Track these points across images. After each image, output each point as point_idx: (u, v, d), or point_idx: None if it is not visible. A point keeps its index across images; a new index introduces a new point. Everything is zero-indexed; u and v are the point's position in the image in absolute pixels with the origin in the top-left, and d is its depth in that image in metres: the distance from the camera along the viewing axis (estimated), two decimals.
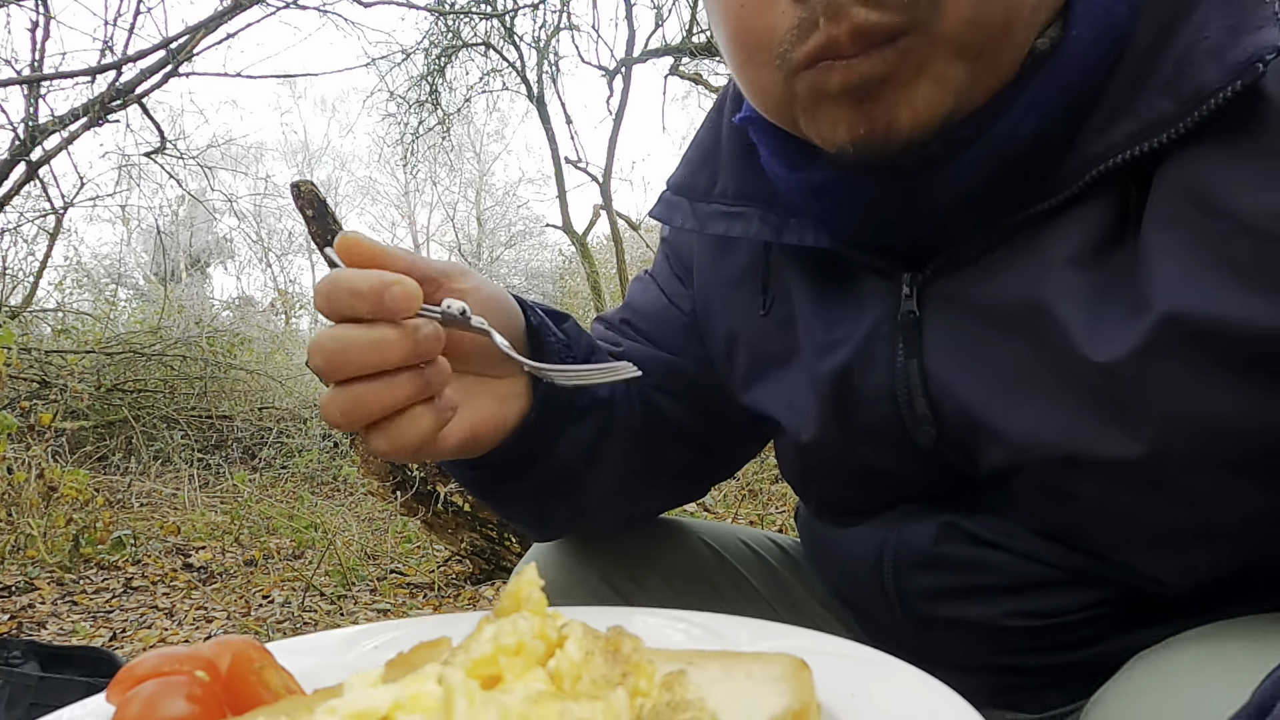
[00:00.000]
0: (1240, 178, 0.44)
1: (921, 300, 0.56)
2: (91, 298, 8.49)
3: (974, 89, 0.50)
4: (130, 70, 5.58)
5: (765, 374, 0.69)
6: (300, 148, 20.08)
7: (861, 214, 0.57)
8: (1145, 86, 0.47)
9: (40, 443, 4.19)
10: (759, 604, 0.81)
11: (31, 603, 3.27)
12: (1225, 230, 0.44)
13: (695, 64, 6.88)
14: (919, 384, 0.57)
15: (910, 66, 0.48)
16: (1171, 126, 0.46)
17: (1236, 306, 0.44)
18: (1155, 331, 0.46)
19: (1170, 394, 0.47)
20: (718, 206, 0.65)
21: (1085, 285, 0.49)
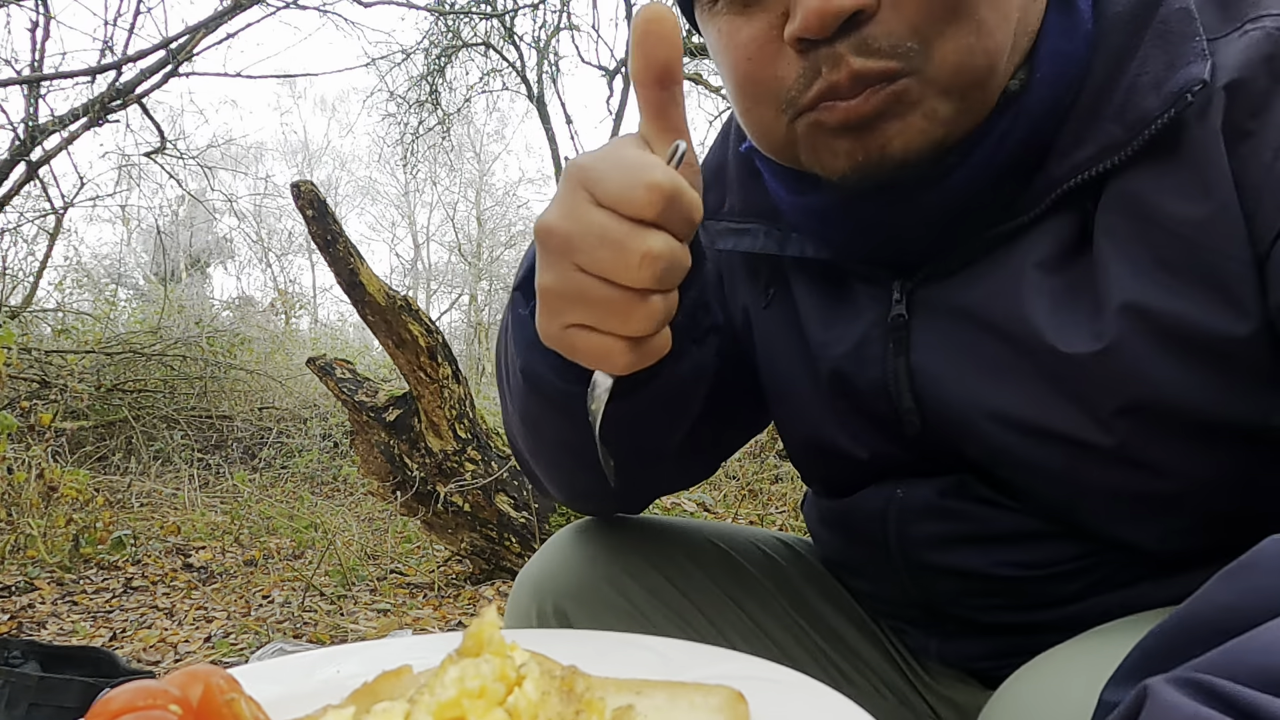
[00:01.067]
0: (1168, 191, 0.52)
1: (910, 305, 0.63)
2: (91, 298, 8.49)
3: (959, 122, 0.55)
4: (130, 70, 5.58)
5: (774, 362, 0.74)
6: (300, 148, 20.09)
7: (857, 232, 0.63)
8: (1100, 116, 0.55)
9: (40, 443, 4.19)
10: (768, 602, 0.81)
11: (31, 603, 3.27)
12: (1158, 235, 0.52)
13: (695, 64, 6.88)
14: (905, 379, 0.63)
15: (904, 104, 0.54)
16: (1121, 150, 0.53)
17: (1171, 301, 0.51)
18: (1113, 323, 0.53)
19: (1127, 376, 0.53)
20: (727, 224, 0.70)
21: (1051, 288, 0.56)
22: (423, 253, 19.74)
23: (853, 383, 0.66)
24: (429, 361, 3.17)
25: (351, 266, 3.17)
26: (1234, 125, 0.50)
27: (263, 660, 1.97)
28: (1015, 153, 0.56)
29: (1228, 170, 0.50)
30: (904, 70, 0.53)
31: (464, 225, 18.75)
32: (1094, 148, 0.54)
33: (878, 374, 0.64)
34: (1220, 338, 0.50)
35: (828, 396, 0.68)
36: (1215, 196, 0.50)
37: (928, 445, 0.65)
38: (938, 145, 0.55)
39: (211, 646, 2.73)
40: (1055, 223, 0.57)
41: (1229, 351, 0.50)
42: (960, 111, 0.55)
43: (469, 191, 18.34)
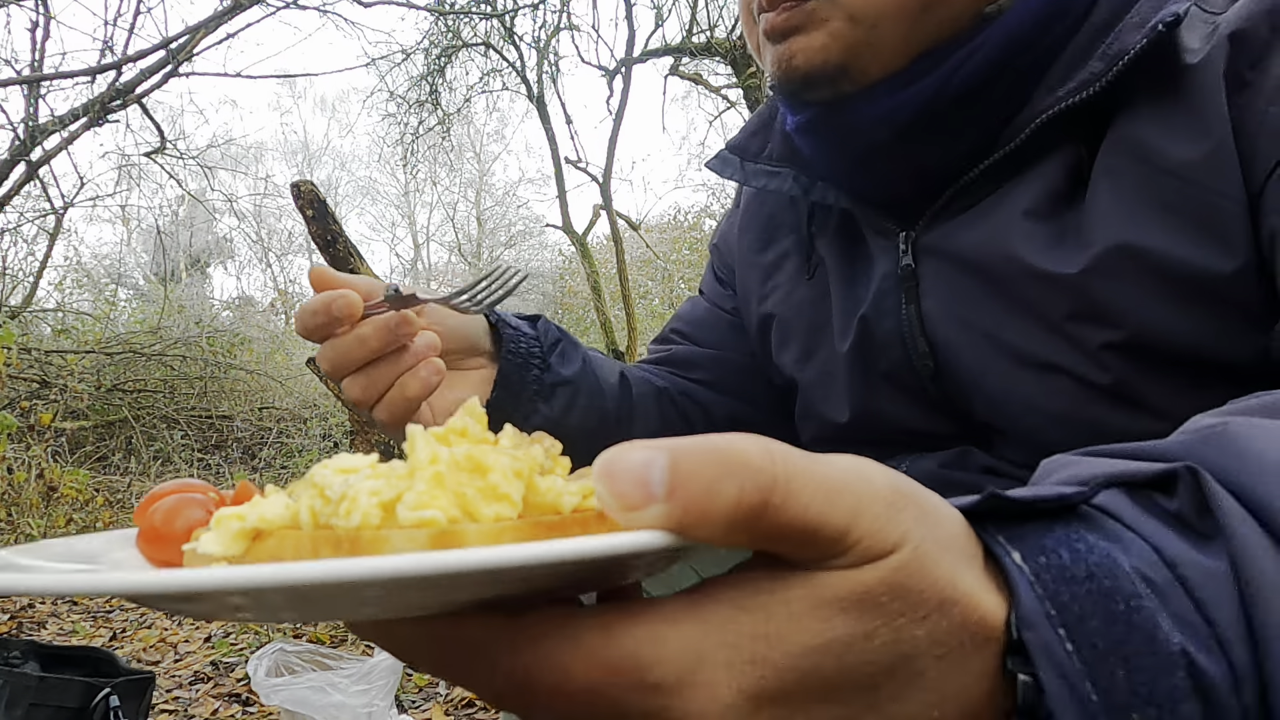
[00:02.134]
0: (1166, 132, 0.54)
1: (916, 253, 0.66)
2: (91, 298, 8.49)
3: (873, 51, 0.61)
4: (130, 70, 5.58)
5: (801, 340, 0.78)
6: (300, 148, 20.08)
7: (840, 150, 0.67)
8: (1091, 55, 0.57)
9: (40, 443, 4.19)
10: None
11: (31, 603, 3.27)
12: (1155, 175, 0.54)
13: (695, 64, 6.88)
14: (917, 325, 0.66)
15: (812, 22, 0.61)
16: (1098, 81, 0.55)
17: (1164, 239, 0.53)
18: (1099, 256, 0.55)
19: (1111, 306, 0.55)
20: (763, 166, 0.76)
21: (1042, 233, 0.58)
22: (423, 253, 19.74)
23: (874, 335, 0.69)
24: None
25: (351, 266, 3.17)
26: (1235, 74, 0.52)
27: (263, 660, 1.97)
28: (978, 73, 0.59)
29: (1227, 116, 0.51)
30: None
31: (464, 225, 18.75)
32: (1075, 83, 0.57)
33: (894, 324, 0.67)
34: (1208, 274, 0.52)
35: (854, 352, 0.71)
36: (1213, 138, 0.52)
37: (941, 395, 0.67)
38: (840, 67, 0.61)
39: (211, 646, 2.73)
40: (1044, 169, 0.59)
41: (1216, 288, 0.52)
42: (873, 38, 0.60)
43: (469, 191, 18.34)
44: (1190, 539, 0.25)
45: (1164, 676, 0.23)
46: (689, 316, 0.92)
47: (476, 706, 2.17)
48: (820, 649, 0.23)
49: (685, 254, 11.48)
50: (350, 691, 1.88)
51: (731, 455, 0.23)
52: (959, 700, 0.24)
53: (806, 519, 0.23)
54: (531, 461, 0.27)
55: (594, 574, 0.26)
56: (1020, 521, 0.26)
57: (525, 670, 0.24)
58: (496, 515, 0.25)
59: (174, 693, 2.38)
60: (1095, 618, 0.24)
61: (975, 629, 0.24)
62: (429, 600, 0.25)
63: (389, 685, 1.94)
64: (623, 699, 0.23)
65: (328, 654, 2.09)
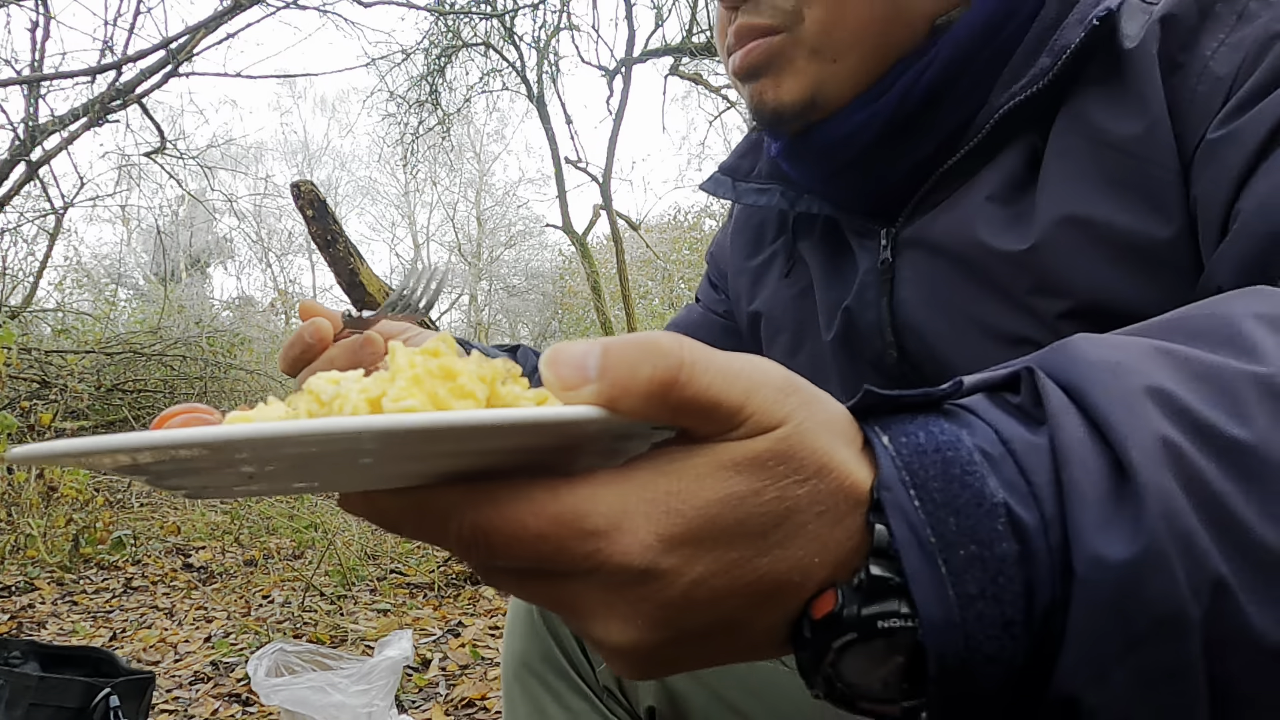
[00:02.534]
0: (1110, 111, 0.58)
1: (895, 249, 0.69)
2: (91, 298, 8.50)
3: (837, 80, 0.65)
4: (130, 70, 5.58)
5: (788, 334, 0.81)
6: (300, 148, 20.09)
7: (817, 169, 0.71)
8: (1040, 53, 0.61)
9: (40, 443, 4.19)
10: None
11: (31, 603, 3.27)
12: (1101, 150, 0.58)
13: (695, 64, 6.89)
14: (888, 315, 0.70)
15: (778, 60, 0.65)
16: (1045, 76, 0.60)
17: (1110, 210, 0.57)
18: (1047, 231, 0.59)
19: (1062, 276, 0.59)
20: (753, 185, 0.80)
21: (1001, 215, 0.62)
22: (423, 253, 19.74)
23: (857, 326, 0.72)
24: None
25: (351, 266, 3.17)
26: (1168, 56, 0.56)
27: (263, 660, 1.97)
28: (936, 80, 0.63)
29: (1162, 95, 0.56)
30: (778, 28, 0.64)
31: (464, 225, 18.76)
32: (1027, 78, 0.61)
33: (874, 316, 0.71)
34: (1149, 240, 0.56)
35: (837, 346, 0.74)
36: (1150, 115, 0.56)
37: (908, 380, 0.70)
38: (809, 101, 0.65)
39: (211, 646, 2.73)
40: (1004, 158, 0.63)
41: (1157, 253, 0.56)
42: (836, 69, 0.64)
43: (469, 191, 18.34)
44: (1025, 423, 0.31)
45: (986, 521, 0.29)
46: (683, 322, 0.97)
47: (476, 707, 2.17)
48: (719, 501, 0.28)
49: (685, 254, 11.48)
50: (350, 691, 1.88)
51: (648, 343, 0.28)
52: (833, 550, 0.30)
53: (709, 394, 0.28)
54: (494, 370, 0.32)
55: (544, 454, 0.31)
56: (893, 414, 0.32)
57: (488, 523, 0.29)
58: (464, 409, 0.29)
59: (174, 693, 2.38)
60: (937, 480, 0.29)
61: (848, 492, 0.29)
62: (406, 470, 0.30)
63: (389, 685, 1.94)
64: (566, 543, 0.28)
65: (328, 654, 2.09)
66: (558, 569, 0.29)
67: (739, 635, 0.31)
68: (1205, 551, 0.28)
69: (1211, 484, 0.28)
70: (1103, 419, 0.29)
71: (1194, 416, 0.29)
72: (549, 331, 17.61)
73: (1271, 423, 0.29)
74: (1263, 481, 0.29)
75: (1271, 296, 0.35)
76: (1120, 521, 0.28)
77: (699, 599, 0.29)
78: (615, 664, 0.32)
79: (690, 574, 0.29)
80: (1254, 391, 0.30)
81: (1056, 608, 0.29)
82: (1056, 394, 0.31)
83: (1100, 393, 0.30)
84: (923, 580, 0.29)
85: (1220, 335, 0.32)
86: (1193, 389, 0.30)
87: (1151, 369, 0.31)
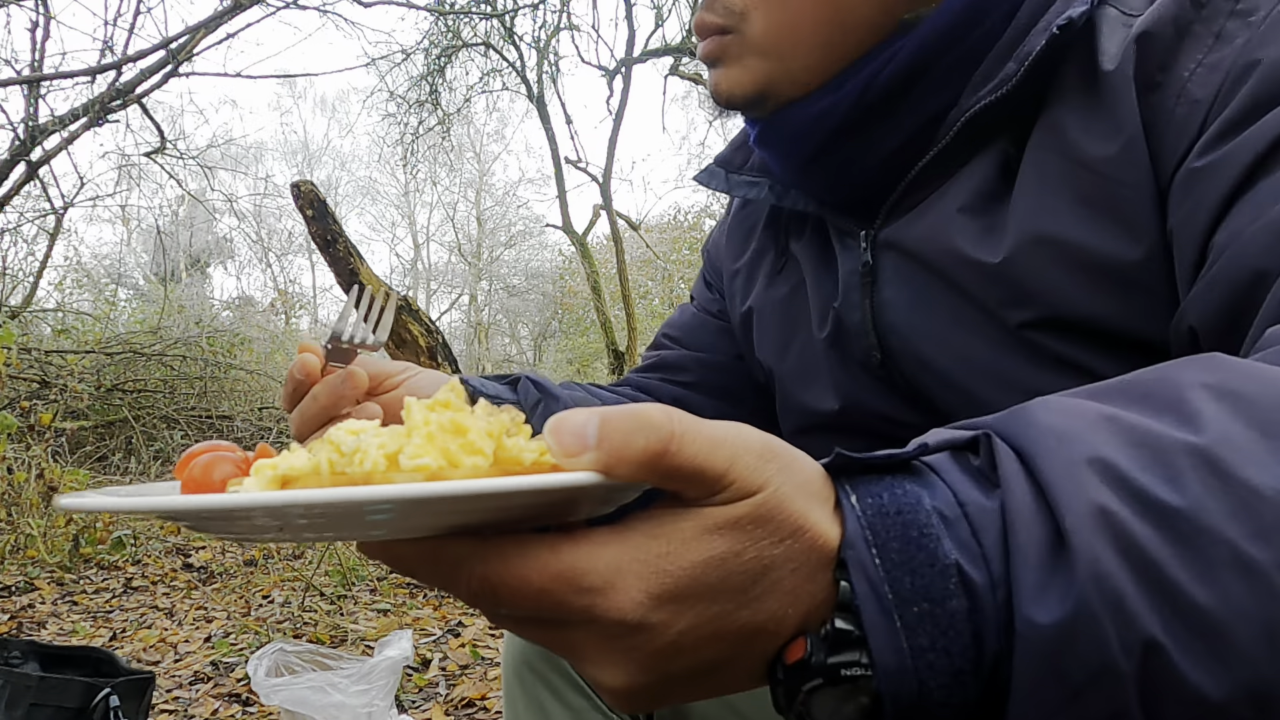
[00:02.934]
0: (1085, 130, 0.58)
1: (874, 249, 0.71)
2: (91, 298, 8.50)
3: (789, 76, 0.67)
4: (130, 70, 5.58)
5: (779, 332, 0.82)
6: (300, 148, 20.09)
7: (784, 154, 0.73)
8: (1008, 58, 0.61)
9: (40, 443, 4.19)
10: None
11: (31, 603, 3.27)
12: (1074, 168, 0.58)
13: (695, 64, 6.89)
14: (871, 317, 0.71)
15: (727, 56, 0.69)
16: (1009, 82, 0.60)
17: (1080, 230, 0.57)
18: (1017, 247, 0.60)
19: (1033, 293, 0.59)
20: (745, 177, 0.81)
21: (974, 227, 0.63)
22: (423, 253, 19.75)
23: (845, 327, 0.73)
24: (429, 361, 3.17)
25: (351, 266, 3.17)
26: (1145, 75, 0.56)
27: (263, 660, 1.97)
28: (900, 74, 0.65)
29: (1138, 114, 0.55)
30: (729, 28, 0.68)
31: (464, 225, 18.76)
32: (994, 82, 0.61)
33: (858, 317, 0.72)
34: (1117, 261, 0.57)
35: (829, 345, 0.75)
36: (1124, 135, 0.56)
37: (905, 384, 0.71)
38: (758, 95, 0.68)
39: (211, 646, 2.73)
40: (975, 168, 0.64)
41: (1125, 273, 0.57)
42: (785, 66, 0.67)
43: (469, 191, 18.34)
44: (980, 485, 0.34)
45: (938, 581, 0.32)
46: (678, 322, 0.98)
47: (476, 706, 2.17)
48: (703, 563, 0.32)
49: (685, 254, 11.48)
50: (350, 691, 1.88)
51: (642, 416, 0.31)
52: (805, 602, 0.33)
53: (694, 464, 0.31)
54: (501, 425, 0.35)
55: (546, 508, 0.34)
56: (864, 474, 0.35)
57: (496, 576, 0.32)
58: (474, 465, 0.33)
59: (174, 693, 2.38)
60: (896, 541, 0.32)
61: (819, 551, 0.33)
62: (421, 524, 0.33)
63: (389, 685, 1.94)
64: (565, 597, 0.31)
65: (328, 654, 2.09)
66: (557, 618, 0.33)
67: (720, 675, 0.34)
68: (1135, 613, 0.30)
69: (1146, 548, 0.30)
70: (1047, 486, 0.32)
71: (1131, 484, 0.31)
72: (549, 331, 17.60)
73: (1204, 490, 0.31)
74: (1194, 546, 0.30)
75: (1220, 367, 0.36)
76: (1055, 583, 0.31)
77: (685, 647, 0.33)
78: (608, 699, 0.35)
79: (677, 626, 0.32)
80: (1188, 459, 0.32)
81: (1003, 658, 0.32)
82: (1009, 461, 0.33)
83: (1046, 460, 0.33)
84: (880, 633, 0.32)
85: (1166, 400, 0.34)
86: (1132, 456, 0.32)
87: (1096, 438, 0.33)
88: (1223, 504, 0.31)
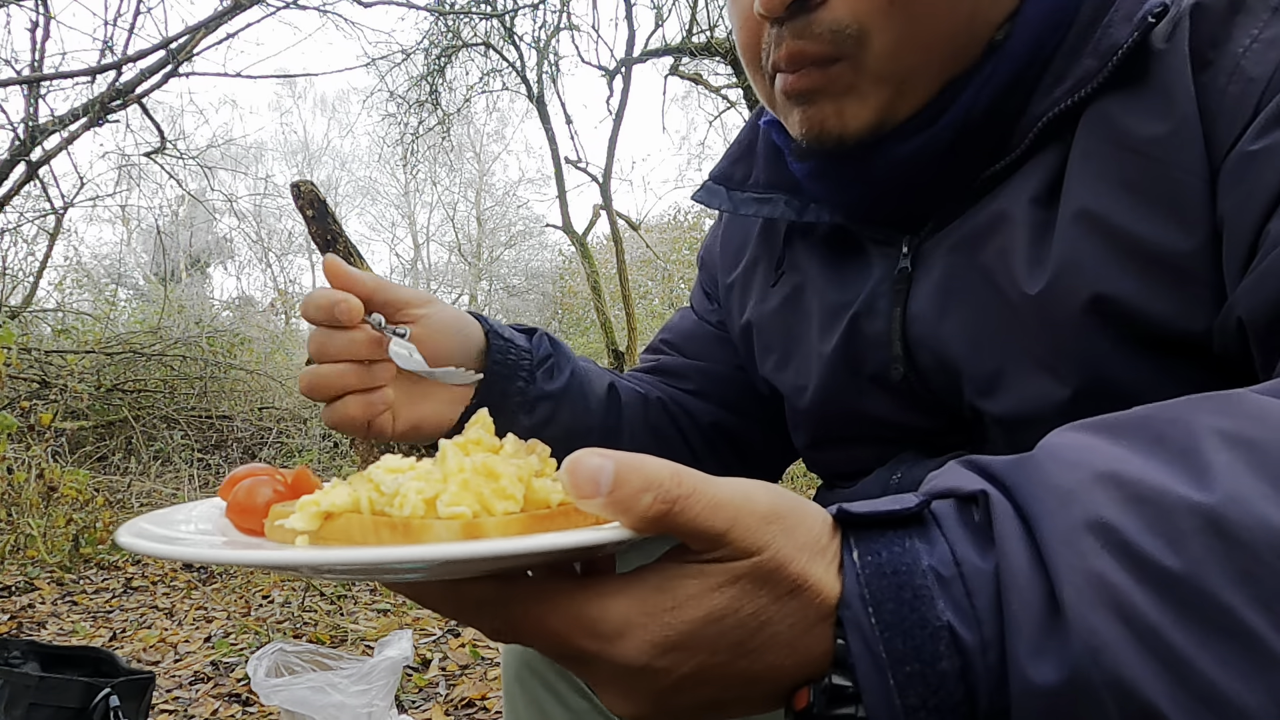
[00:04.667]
0: (1135, 112, 0.55)
1: (915, 258, 0.66)
2: (91, 298, 8.49)
3: (902, 103, 0.60)
4: (130, 70, 5.58)
5: (778, 346, 0.79)
6: (300, 148, 20.07)
7: (856, 190, 0.67)
8: (1080, 53, 0.58)
9: (40, 443, 4.19)
10: None
11: (31, 603, 3.27)
12: (1121, 154, 0.55)
13: (695, 64, 6.88)
14: (899, 327, 0.66)
15: (839, 86, 0.60)
16: (1093, 80, 0.56)
17: (1124, 215, 0.54)
18: (1064, 227, 0.56)
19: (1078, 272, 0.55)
20: (750, 194, 0.77)
21: (1034, 221, 0.58)
22: (423, 253, 19.74)
23: (862, 336, 0.69)
24: None
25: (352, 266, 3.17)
26: (1198, 53, 0.53)
27: (263, 660, 1.97)
28: (995, 98, 0.60)
29: (1193, 93, 0.52)
30: (839, 55, 0.58)
31: (464, 225, 18.74)
32: (1071, 81, 0.57)
33: (883, 326, 0.68)
34: (1168, 251, 0.53)
35: (839, 353, 0.71)
36: (1178, 114, 0.53)
37: (927, 393, 0.67)
38: (875, 126, 0.61)
39: (211, 646, 2.73)
40: (1041, 160, 0.59)
41: (1177, 264, 0.53)
42: (900, 94, 0.60)
43: (469, 191, 18.33)
44: (978, 544, 0.34)
45: (929, 644, 0.33)
46: (677, 329, 0.95)
47: (476, 707, 2.17)
48: (703, 619, 0.34)
49: (685, 254, 11.47)
50: (350, 691, 1.88)
51: (651, 476, 0.33)
52: (803, 654, 0.34)
53: (696, 524, 0.33)
54: (530, 468, 0.38)
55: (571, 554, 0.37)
56: (868, 527, 0.35)
57: (518, 619, 0.35)
58: (505, 510, 0.36)
59: (174, 693, 2.38)
60: (890, 602, 0.33)
61: (819, 606, 0.34)
62: (454, 571, 0.35)
63: (389, 685, 1.94)
64: (579, 640, 0.34)
65: (328, 654, 2.09)
66: (571, 655, 0.35)
67: (722, 709, 0.37)
68: (1135, 681, 0.30)
69: (1146, 615, 0.30)
70: (1045, 550, 0.32)
71: (1132, 549, 0.31)
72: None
73: (1206, 553, 0.31)
74: (1196, 611, 0.30)
75: (1238, 410, 0.35)
76: (1049, 650, 0.31)
77: (687, 688, 0.35)
78: (618, 716, 0.38)
79: (679, 671, 0.35)
80: (1192, 521, 0.31)
81: (998, 716, 0.32)
82: (1007, 522, 0.34)
83: (1047, 524, 0.33)
84: (873, 691, 0.33)
85: (1179, 447, 0.34)
86: (1135, 516, 0.32)
87: (1099, 497, 0.33)
88: (1225, 568, 0.30)
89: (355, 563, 0.33)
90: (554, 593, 0.35)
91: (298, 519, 0.36)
